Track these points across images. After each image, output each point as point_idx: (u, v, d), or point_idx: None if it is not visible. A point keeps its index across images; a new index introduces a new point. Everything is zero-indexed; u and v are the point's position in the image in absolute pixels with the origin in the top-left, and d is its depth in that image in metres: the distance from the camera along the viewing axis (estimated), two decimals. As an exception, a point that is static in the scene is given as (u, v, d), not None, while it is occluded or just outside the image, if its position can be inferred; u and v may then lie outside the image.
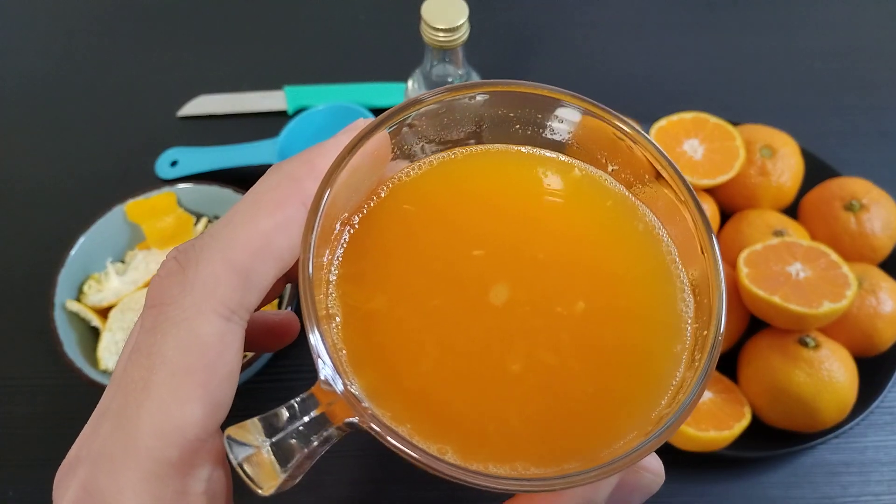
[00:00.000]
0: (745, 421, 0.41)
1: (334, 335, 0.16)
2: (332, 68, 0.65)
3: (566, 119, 0.18)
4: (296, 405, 0.15)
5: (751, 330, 0.44)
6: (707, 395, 0.42)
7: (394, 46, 0.66)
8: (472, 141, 0.19)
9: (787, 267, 0.42)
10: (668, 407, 0.16)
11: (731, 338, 0.44)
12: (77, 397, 0.47)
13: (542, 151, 0.19)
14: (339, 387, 0.14)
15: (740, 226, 0.47)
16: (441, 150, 0.19)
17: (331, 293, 0.17)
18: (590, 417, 0.16)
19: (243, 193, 0.51)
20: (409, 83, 0.45)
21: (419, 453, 0.14)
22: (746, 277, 0.41)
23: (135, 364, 0.16)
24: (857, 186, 0.47)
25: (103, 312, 0.46)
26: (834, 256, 0.42)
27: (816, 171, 0.51)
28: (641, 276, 0.18)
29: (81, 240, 0.47)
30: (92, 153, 0.60)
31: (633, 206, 0.18)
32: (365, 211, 0.18)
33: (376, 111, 0.57)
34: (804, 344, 0.41)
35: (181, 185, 0.50)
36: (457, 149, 0.19)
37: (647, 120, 0.50)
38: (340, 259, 0.17)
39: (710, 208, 0.48)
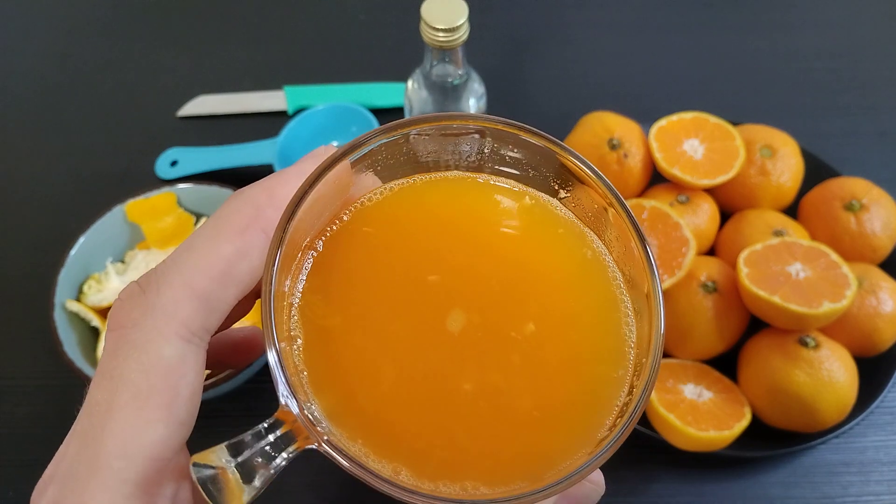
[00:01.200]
0: (746, 421, 0.40)
1: (296, 357, 0.17)
2: (332, 68, 0.65)
3: (517, 148, 0.19)
4: (261, 428, 0.16)
5: (751, 330, 0.44)
6: (707, 394, 0.42)
7: (394, 46, 0.66)
8: (431, 168, 0.20)
9: (788, 267, 0.42)
10: (610, 429, 0.16)
11: (731, 338, 0.44)
12: (77, 397, 0.47)
13: (497, 180, 0.20)
14: (295, 409, 0.15)
15: (740, 226, 0.47)
16: (401, 177, 0.20)
17: (293, 316, 0.17)
18: (537, 439, 0.17)
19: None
20: (409, 83, 0.45)
21: (368, 475, 0.15)
22: (746, 277, 0.41)
23: (98, 387, 0.16)
24: (856, 186, 0.47)
25: (103, 312, 0.46)
26: (834, 256, 0.42)
27: (816, 171, 0.51)
28: (588, 302, 0.19)
29: (81, 240, 0.47)
30: (92, 153, 0.60)
31: (582, 232, 0.19)
32: (328, 235, 0.18)
33: (376, 111, 0.57)
34: (804, 344, 0.41)
35: (181, 185, 0.50)
36: (416, 175, 0.20)
37: (647, 120, 0.50)
38: (304, 282, 0.18)
39: (711, 208, 0.48)
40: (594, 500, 0.18)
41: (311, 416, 0.15)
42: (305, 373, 0.17)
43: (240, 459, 0.15)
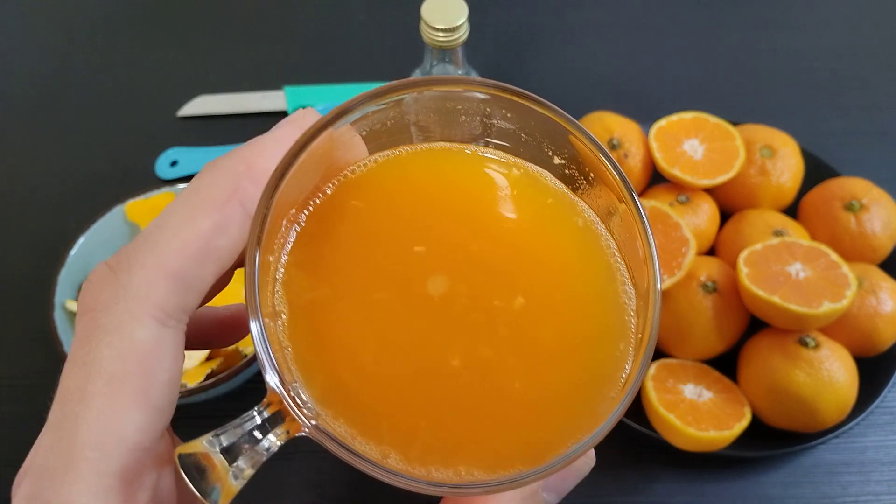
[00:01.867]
0: (745, 421, 0.40)
1: (280, 333, 0.16)
2: (332, 68, 0.65)
3: (510, 115, 0.18)
4: (250, 412, 0.15)
5: (751, 330, 0.44)
6: (707, 394, 0.42)
7: (394, 46, 0.66)
8: (417, 138, 0.19)
9: (787, 267, 0.42)
10: (609, 406, 0.16)
11: (731, 338, 0.44)
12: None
13: (485, 150, 0.19)
14: (278, 386, 0.15)
15: (740, 226, 0.47)
16: (387, 147, 0.19)
17: (277, 291, 0.17)
18: (534, 419, 0.16)
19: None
20: (409, 83, 0.45)
21: (356, 459, 0.14)
22: (746, 277, 0.41)
23: (70, 374, 0.15)
24: (856, 186, 0.47)
25: (103, 312, 0.47)
26: (834, 256, 0.42)
27: (816, 171, 0.51)
28: (582, 272, 0.18)
29: (81, 240, 0.47)
30: (92, 153, 0.60)
31: (573, 203, 0.19)
32: (311, 208, 0.18)
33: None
34: (804, 344, 0.41)
35: (181, 186, 0.50)
36: (401, 147, 0.19)
37: (647, 120, 0.50)
38: (287, 256, 0.17)
39: (710, 208, 0.48)
40: (585, 472, 0.17)
41: (295, 395, 0.15)
42: (290, 349, 0.16)
43: (225, 444, 0.14)
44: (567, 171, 0.19)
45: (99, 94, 0.63)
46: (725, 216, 0.49)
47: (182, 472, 0.14)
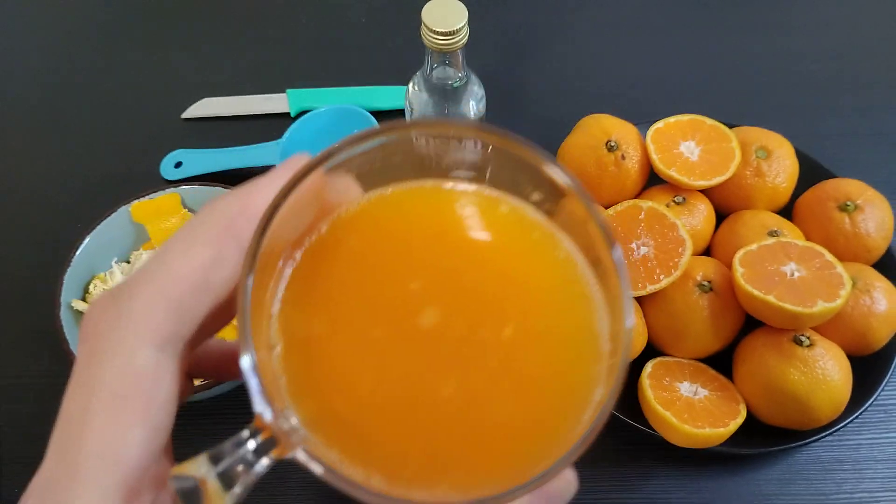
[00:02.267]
0: (741, 418, 0.41)
1: (275, 363, 0.17)
2: (333, 71, 0.65)
3: (494, 155, 0.19)
4: (242, 435, 0.15)
5: (746, 329, 0.45)
6: (703, 392, 0.43)
7: (394, 50, 0.67)
8: (408, 175, 0.20)
9: (782, 267, 0.42)
10: (583, 428, 0.16)
11: (726, 337, 0.45)
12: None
13: (473, 187, 0.20)
14: (269, 416, 0.15)
15: (736, 226, 0.48)
16: (379, 185, 0.20)
17: (272, 325, 0.17)
18: (515, 444, 0.17)
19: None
20: (410, 86, 0.46)
21: (338, 480, 0.15)
22: (742, 277, 0.42)
23: (72, 398, 0.16)
24: (851, 187, 0.48)
25: (109, 311, 0.47)
26: (828, 256, 0.43)
27: (811, 173, 0.51)
28: (563, 303, 0.19)
29: (87, 240, 0.47)
30: (97, 155, 0.60)
31: (553, 234, 0.19)
32: (306, 245, 0.18)
33: (377, 113, 0.57)
34: (799, 342, 0.41)
35: (185, 187, 0.50)
36: (393, 184, 0.20)
37: (644, 122, 0.51)
38: (283, 291, 0.18)
39: (707, 209, 0.49)
40: (567, 497, 0.18)
41: (287, 423, 0.16)
42: (284, 378, 0.17)
43: (220, 469, 0.15)
44: (548, 207, 0.19)
45: (104, 97, 0.64)
46: (721, 217, 0.50)
47: (177, 495, 0.15)
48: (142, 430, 0.16)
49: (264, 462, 0.15)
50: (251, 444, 0.15)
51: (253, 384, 0.15)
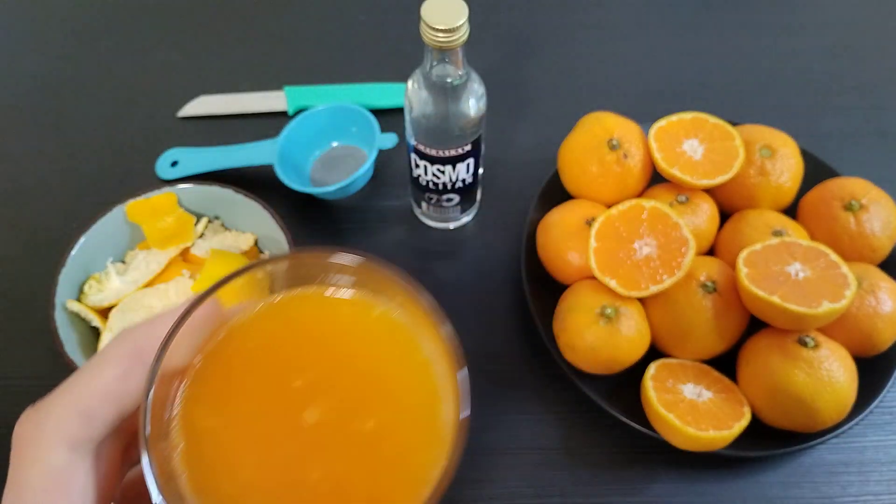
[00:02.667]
0: (745, 421, 0.41)
1: (176, 461, 0.20)
2: (332, 69, 0.65)
3: (367, 276, 0.23)
4: None
5: (750, 330, 0.44)
6: (707, 394, 0.42)
7: (394, 47, 0.67)
8: (292, 286, 0.23)
9: (787, 267, 0.42)
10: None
11: (730, 338, 0.44)
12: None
13: (348, 292, 0.24)
14: None
15: (739, 226, 0.47)
16: (265, 296, 0.23)
17: (175, 425, 0.21)
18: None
19: (243, 194, 0.51)
20: (410, 83, 0.45)
21: None
22: (746, 277, 0.41)
23: (7, 495, 0.19)
24: (856, 186, 0.47)
25: (104, 312, 0.47)
26: (833, 256, 0.42)
27: (816, 172, 0.51)
28: (418, 399, 0.22)
29: (82, 240, 0.47)
30: (92, 153, 0.60)
31: (415, 338, 0.23)
32: (204, 352, 0.22)
33: (376, 111, 0.57)
34: (803, 344, 0.41)
35: (181, 186, 0.50)
36: (279, 293, 0.23)
37: (647, 120, 0.51)
38: (184, 393, 0.21)
39: (710, 208, 0.48)
40: None
41: None
42: (185, 474, 0.20)
43: None
44: (410, 312, 0.23)
45: (100, 95, 0.64)
46: (725, 216, 0.49)
47: None
48: None
49: None
50: None
51: (149, 480, 0.19)
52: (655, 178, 0.50)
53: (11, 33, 0.68)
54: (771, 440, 0.42)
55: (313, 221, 0.56)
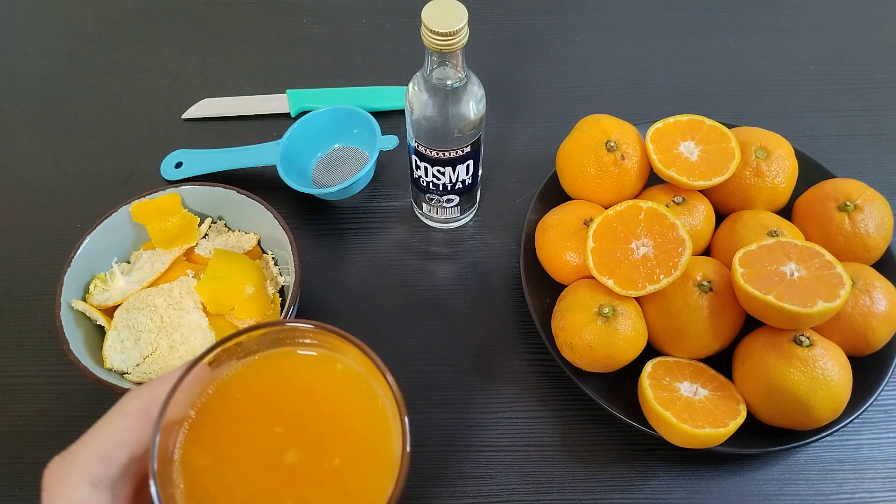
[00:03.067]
0: (741, 418, 0.41)
1: (179, 495, 0.26)
2: (333, 72, 0.66)
3: (330, 339, 0.29)
4: None
5: (746, 329, 0.45)
6: (703, 392, 0.43)
7: (395, 50, 0.67)
8: (271, 346, 0.29)
9: (782, 266, 0.42)
10: None
11: (726, 336, 0.45)
12: (82, 395, 0.48)
13: (318, 351, 0.29)
14: None
15: (735, 226, 0.48)
16: (247, 356, 0.29)
17: (176, 467, 0.26)
18: None
19: (246, 195, 0.52)
20: (410, 86, 0.46)
21: None
22: (741, 277, 0.42)
23: None
24: (850, 187, 0.48)
25: (109, 312, 0.47)
26: (828, 256, 0.43)
27: (811, 173, 0.51)
28: (375, 438, 0.28)
29: (87, 240, 0.47)
30: (98, 155, 0.60)
31: (371, 386, 0.28)
32: (198, 405, 0.27)
33: (377, 114, 0.58)
34: (798, 343, 0.41)
35: (185, 187, 0.50)
36: (259, 352, 0.29)
37: (643, 122, 0.51)
38: (182, 439, 0.27)
39: (706, 209, 0.49)
40: None
41: None
42: None
43: None
44: (363, 367, 0.29)
45: (105, 98, 0.64)
46: (721, 217, 0.50)
47: None
48: None
49: None
50: None
51: None
52: (652, 180, 0.50)
53: (19, 36, 0.69)
54: (766, 438, 0.43)
55: (315, 222, 0.57)
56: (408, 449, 0.26)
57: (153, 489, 0.24)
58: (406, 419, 0.26)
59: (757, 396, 0.42)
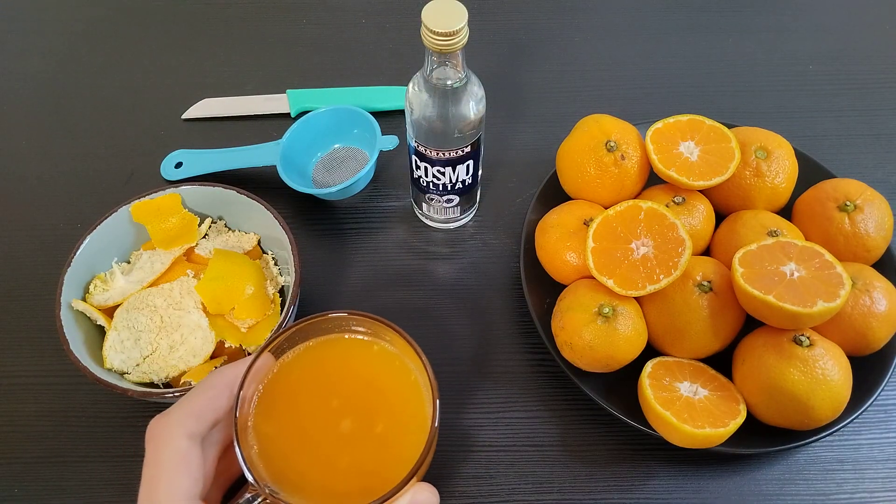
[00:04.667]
0: (741, 418, 0.41)
1: (254, 454, 0.32)
2: (333, 72, 0.66)
3: (357, 321, 0.35)
4: (247, 495, 0.30)
5: (746, 328, 0.45)
6: (703, 392, 0.43)
7: (395, 50, 0.67)
8: (322, 333, 0.35)
9: (782, 267, 0.42)
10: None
11: (726, 336, 0.45)
12: (82, 395, 0.48)
13: (359, 335, 0.35)
14: (253, 483, 0.30)
15: (735, 226, 0.48)
16: (304, 341, 0.35)
17: (250, 432, 0.32)
18: (384, 479, 0.30)
19: (246, 195, 0.52)
20: (410, 86, 0.46)
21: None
22: (741, 277, 0.42)
23: (148, 465, 0.30)
24: (850, 187, 0.48)
25: (109, 312, 0.47)
26: (828, 256, 0.43)
27: (810, 173, 0.51)
28: (411, 407, 0.33)
29: (87, 240, 0.47)
30: (98, 155, 0.60)
31: (406, 364, 0.34)
32: (265, 381, 0.33)
33: (377, 114, 0.58)
34: (798, 342, 0.41)
35: (185, 187, 0.50)
36: (312, 338, 0.35)
37: (643, 122, 0.51)
38: (254, 410, 0.33)
39: (706, 209, 0.49)
40: (434, 502, 0.31)
41: (266, 487, 0.30)
42: (261, 464, 0.31)
43: None
44: (398, 348, 0.35)
45: (105, 98, 0.64)
46: (721, 217, 0.50)
47: None
48: (188, 479, 0.30)
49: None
50: (250, 497, 0.30)
51: (244, 468, 0.30)
52: (652, 180, 0.50)
53: (18, 36, 0.69)
54: (766, 438, 0.43)
55: (315, 222, 0.57)
56: (436, 424, 0.31)
57: (236, 447, 0.30)
58: (437, 401, 0.31)
59: (757, 396, 0.42)
